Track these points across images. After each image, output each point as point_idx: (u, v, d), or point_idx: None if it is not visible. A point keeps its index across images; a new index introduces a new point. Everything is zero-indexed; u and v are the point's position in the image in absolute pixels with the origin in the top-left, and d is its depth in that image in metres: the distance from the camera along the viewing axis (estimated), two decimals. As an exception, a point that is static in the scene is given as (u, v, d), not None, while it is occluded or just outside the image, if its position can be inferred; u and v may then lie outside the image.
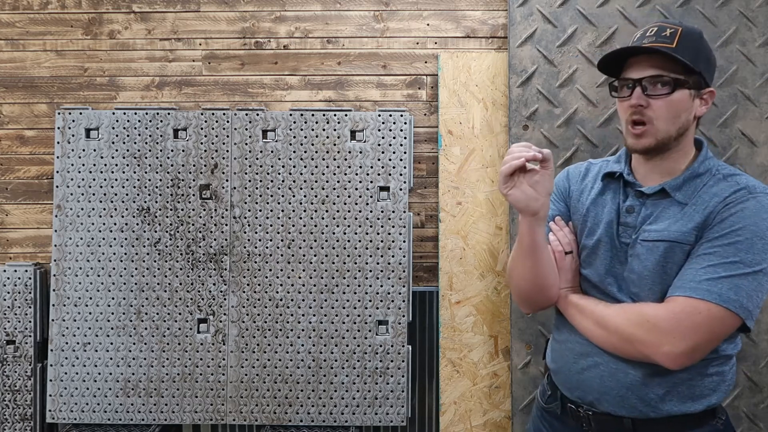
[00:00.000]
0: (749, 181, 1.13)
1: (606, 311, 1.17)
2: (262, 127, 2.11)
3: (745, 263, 1.05)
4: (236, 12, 2.20)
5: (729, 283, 1.05)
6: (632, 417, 1.18)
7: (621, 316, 1.13)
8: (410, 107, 2.20)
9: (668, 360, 1.08)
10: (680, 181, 1.16)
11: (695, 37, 1.14)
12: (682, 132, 1.15)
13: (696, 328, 1.06)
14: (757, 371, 1.95)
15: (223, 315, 2.08)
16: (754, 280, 1.06)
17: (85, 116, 2.12)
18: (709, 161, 1.18)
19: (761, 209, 1.08)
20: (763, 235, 1.06)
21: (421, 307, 2.17)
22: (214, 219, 2.10)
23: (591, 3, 2.01)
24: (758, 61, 1.98)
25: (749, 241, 1.06)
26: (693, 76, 1.13)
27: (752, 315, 1.07)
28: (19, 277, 2.10)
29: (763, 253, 1.06)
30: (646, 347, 1.09)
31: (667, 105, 1.12)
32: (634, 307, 1.14)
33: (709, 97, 1.16)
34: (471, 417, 2.09)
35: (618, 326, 1.13)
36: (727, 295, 1.05)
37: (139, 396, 2.08)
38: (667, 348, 1.07)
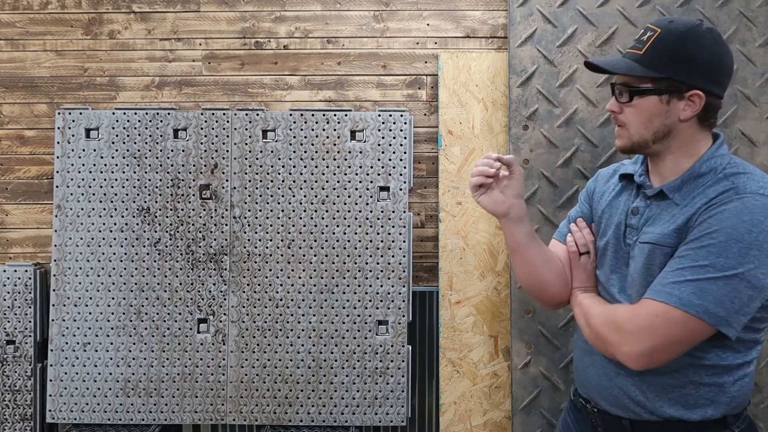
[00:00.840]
0: (746, 182, 1.08)
1: (592, 310, 1.19)
2: (262, 127, 2.11)
3: (716, 267, 1.02)
4: (236, 12, 2.20)
5: (693, 287, 1.02)
6: (629, 418, 1.18)
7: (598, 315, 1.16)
8: (410, 107, 2.20)
9: (629, 360, 1.08)
10: (679, 183, 1.15)
11: (671, 39, 1.10)
12: (661, 136, 1.14)
13: (653, 330, 1.04)
14: (757, 371, 1.95)
15: (223, 315, 2.08)
16: (726, 284, 1.01)
17: (85, 116, 2.12)
18: (716, 160, 1.13)
19: (743, 211, 1.03)
20: (740, 238, 1.01)
21: (421, 307, 2.17)
22: (214, 219, 2.10)
23: (591, 3, 2.01)
24: (758, 61, 1.98)
25: (723, 244, 1.02)
26: (662, 82, 1.11)
27: (726, 321, 1.02)
28: (19, 277, 2.10)
29: (740, 257, 1.01)
30: (611, 346, 1.11)
31: (633, 111, 1.15)
32: (610, 308, 1.16)
33: (696, 99, 1.11)
34: (471, 417, 2.09)
35: (594, 325, 1.16)
36: (688, 299, 1.02)
37: (139, 396, 2.08)
38: (627, 348, 1.07)
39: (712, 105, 1.13)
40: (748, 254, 1.01)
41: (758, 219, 1.02)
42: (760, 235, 1.02)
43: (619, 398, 1.18)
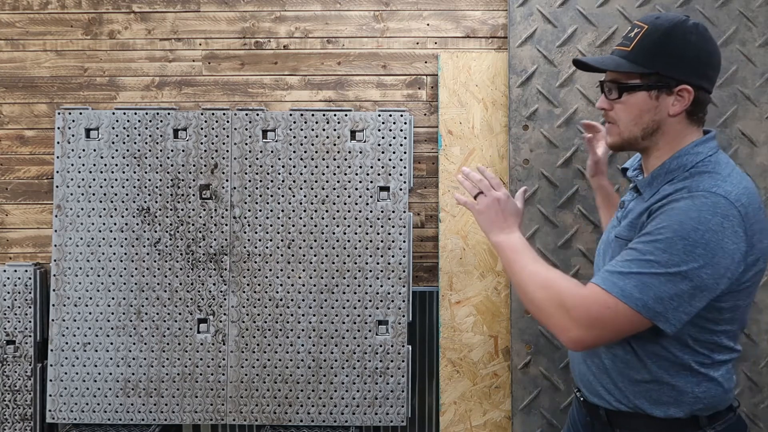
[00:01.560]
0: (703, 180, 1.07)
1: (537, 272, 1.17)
2: (262, 127, 2.11)
3: (660, 263, 1.02)
4: (236, 12, 2.20)
5: (636, 281, 1.03)
6: (604, 407, 1.20)
7: (543, 285, 1.14)
8: (410, 107, 2.20)
9: (570, 344, 1.10)
10: (649, 178, 1.17)
11: (657, 35, 1.11)
12: (650, 132, 1.15)
13: (602, 322, 1.06)
14: (757, 371, 1.95)
15: (223, 315, 2.08)
16: (668, 281, 1.02)
17: (85, 116, 2.12)
18: (688, 157, 1.13)
19: (691, 208, 1.03)
20: (686, 235, 1.01)
21: (421, 307, 2.17)
22: (214, 219, 2.10)
23: (591, 3, 2.01)
24: (758, 61, 1.98)
25: (669, 240, 1.02)
26: (650, 77, 1.12)
27: (663, 317, 1.03)
28: (19, 277, 2.10)
29: (685, 254, 1.01)
30: (555, 327, 1.11)
31: (623, 108, 1.16)
32: (555, 280, 1.14)
33: (685, 94, 1.11)
34: (471, 417, 2.09)
35: (537, 295, 1.14)
36: (630, 292, 1.03)
37: (139, 396, 2.08)
38: (573, 334, 1.08)
39: (701, 99, 1.14)
40: (693, 252, 1.01)
41: (705, 217, 1.02)
42: (707, 233, 1.01)
43: (594, 386, 1.22)
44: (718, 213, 1.02)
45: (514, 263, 1.20)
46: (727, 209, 1.03)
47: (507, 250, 1.23)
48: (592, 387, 1.22)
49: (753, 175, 1.98)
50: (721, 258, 1.02)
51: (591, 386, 1.22)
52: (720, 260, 1.02)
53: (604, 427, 1.22)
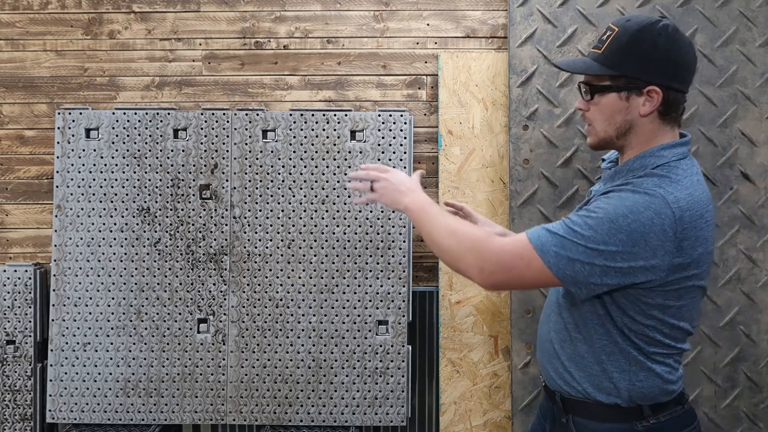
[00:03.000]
0: (647, 182, 1.11)
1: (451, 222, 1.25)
2: (262, 127, 2.11)
3: (582, 236, 1.08)
4: (236, 12, 2.20)
5: (558, 241, 1.10)
6: (559, 392, 1.25)
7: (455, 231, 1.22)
8: (410, 107, 2.20)
9: (478, 280, 1.17)
10: (613, 173, 1.22)
11: (625, 38, 1.15)
12: (624, 131, 1.19)
13: (511, 268, 1.13)
14: (757, 371, 1.95)
15: (223, 315, 2.08)
16: (584, 253, 1.08)
17: (85, 116, 2.12)
18: (652, 159, 1.16)
19: (628, 198, 1.09)
20: (614, 219, 1.07)
21: (421, 307, 2.17)
22: (214, 219, 2.10)
23: (591, 3, 2.01)
24: (758, 61, 1.98)
25: (599, 220, 1.08)
26: (620, 79, 1.16)
27: (573, 280, 1.10)
28: (19, 277, 2.10)
29: (607, 235, 1.07)
30: (465, 267, 1.18)
31: (597, 109, 1.20)
32: (469, 227, 1.23)
33: (655, 95, 1.14)
34: (471, 417, 2.09)
35: (448, 240, 1.22)
36: (548, 249, 1.10)
37: (139, 396, 2.08)
38: (485, 274, 1.15)
39: (672, 99, 1.16)
40: (615, 236, 1.07)
41: (638, 209, 1.07)
42: (633, 223, 1.06)
43: (548, 371, 1.27)
44: (651, 209, 1.07)
45: (424, 219, 1.27)
46: (661, 208, 1.07)
47: (416, 210, 1.30)
48: (546, 372, 1.28)
49: (753, 175, 1.98)
50: (641, 249, 1.07)
51: (546, 371, 1.29)
52: (639, 251, 1.07)
53: (560, 413, 1.26)
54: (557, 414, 1.28)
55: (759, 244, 1.97)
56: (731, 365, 1.96)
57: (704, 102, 1.99)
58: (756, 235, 1.97)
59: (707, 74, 1.98)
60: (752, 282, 1.97)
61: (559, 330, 1.24)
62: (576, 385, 1.21)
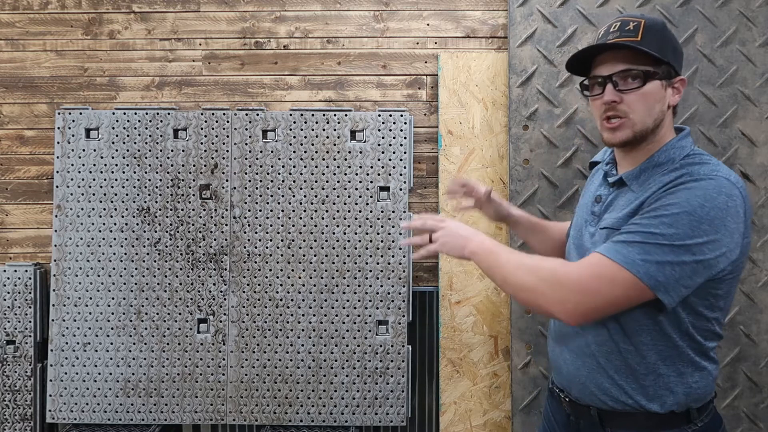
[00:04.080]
0: (701, 169, 1.09)
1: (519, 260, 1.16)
2: (262, 127, 2.11)
3: (664, 236, 1.02)
4: (236, 12, 2.20)
5: (639, 249, 1.03)
6: (597, 407, 1.19)
7: (528, 267, 1.13)
8: (410, 107, 2.20)
9: (567, 317, 1.08)
10: (637, 171, 1.17)
11: (658, 28, 1.14)
12: (658, 123, 1.15)
13: (597, 291, 1.05)
14: (757, 371, 1.95)
15: (223, 315, 2.08)
16: (671, 252, 1.02)
17: (85, 116, 2.12)
18: (675, 150, 1.15)
19: (697, 188, 1.04)
20: (692, 211, 1.02)
21: (421, 307, 2.17)
22: (214, 219, 2.10)
23: (591, 3, 2.01)
24: (758, 61, 1.98)
25: (676, 216, 1.03)
26: (662, 67, 1.13)
27: (664, 287, 1.03)
28: (19, 277, 2.10)
29: (690, 229, 1.02)
30: (548, 303, 1.09)
31: (640, 98, 1.13)
32: (541, 260, 1.14)
33: (680, 86, 1.16)
34: (471, 417, 2.09)
35: (523, 278, 1.12)
36: (632, 258, 1.03)
37: (139, 396, 2.08)
38: (570, 306, 1.07)
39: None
40: (699, 228, 1.02)
41: (711, 195, 1.03)
42: (712, 210, 1.03)
43: (587, 386, 1.20)
44: (723, 192, 1.04)
45: (494, 262, 1.19)
46: (731, 189, 1.05)
47: (483, 253, 1.22)
48: (584, 387, 1.21)
49: (753, 175, 1.98)
50: (723, 236, 1.03)
51: (583, 387, 1.21)
52: (722, 238, 1.03)
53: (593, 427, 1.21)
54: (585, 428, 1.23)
55: (759, 244, 1.97)
56: (731, 365, 1.96)
57: (704, 102, 1.99)
58: (756, 235, 1.97)
59: (707, 74, 1.98)
60: (752, 282, 1.97)
61: (602, 342, 1.17)
62: (626, 398, 1.15)
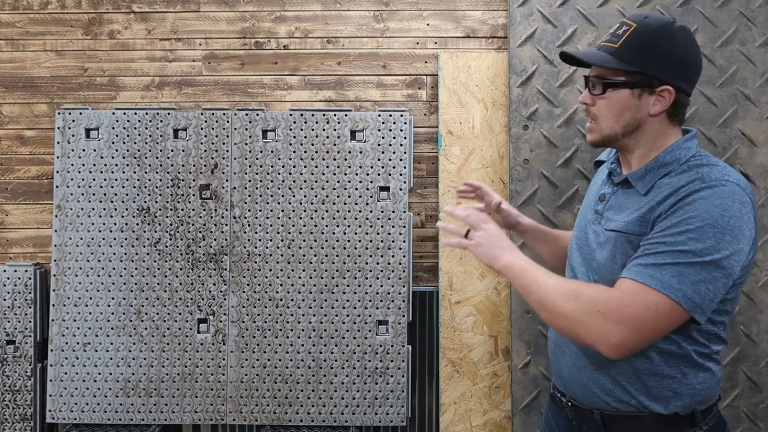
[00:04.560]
0: (710, 171, 1.08)
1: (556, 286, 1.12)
2: (262, 127, 2.11)
3: (694, 252, 1.01)
4: (236, 12, 2.20)
5: (673, 270, 1.01)
6: (600, 410, 1.19)
7: (568, 295, 1.09)
8: (410, 107, 2.20)
9: (611, 351, 1.05)
10: (642, 171, 1.16)
11: (646, 35, 1.13)
12: (630, 129, 1.16)
13: (642, 322, 1.02)
14: (757, 371, 1.95)
15: (223, 315, 2.08)
16: (703, 270, 1.01)
17: (85, 116, 2.12)
18: (681, 151, 1.14)
19: (713, 196, 1.03)
20: (714, 222, 1.01)
21: (421, 307, 2.17)
22: (214, 219, 2.10)
23: (591, 3, 2.01)
24: (758, 61, 1.98)
25: (700, 229, 1.01)
26: (635, 75, 1.13)
27: (700, 308, 1.02)
28: (19, 277, 2.10)
29: (716, 242, 1.01)
30: (592, 335, 1.05)
31: (605, 104, 1.16)
32: (580, 288, 1.10)
33: (666, 94, 1.13)
34: (471, 417, 2.09)
35: (563, 307, 1.09)
36: (668, 282, 1.01)
37: (139, 396, 2.08)
38: (615, 340, 1.03)
39: (681, 101, 1.15)
40: (723, 240, 1.02)
41: (728, 204, 1.03)
42: (731, 219, 1.03)
43: (590, 388, 1.19)
44: (737, 200, 1.04)
45: (529, 282, 1.16)
46: (742, 196, 1.05)
47: (518, 270, 1.19)
48: (586, 389, 1.20)
49: (753, 175, 1.98)
50: (744, 244, 1.04)
51: (585, 388, 1.20)
52: (743, 246, 1.04)
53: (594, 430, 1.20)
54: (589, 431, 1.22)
55: (759, 244, 1.97)
56: (731, 365, 1.96)
57: (704, 102, 1.99)
58: (756, 235, 1.97)
59: (707, 74, 1.98)
60: (752, 282, 1.97)
61: None
62: (629, 399, 1.15)
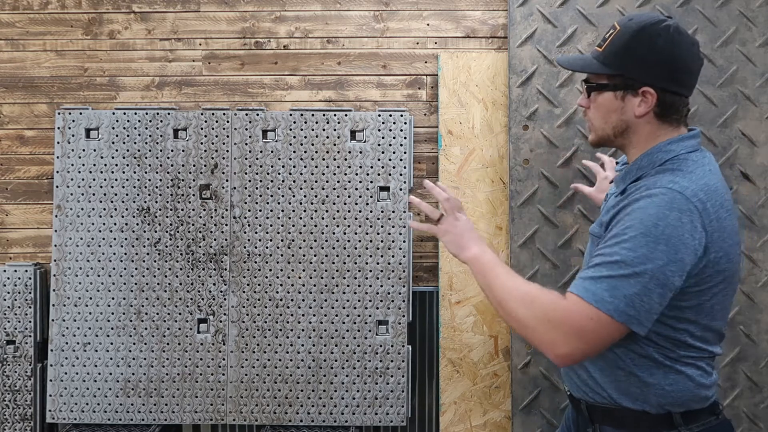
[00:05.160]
0: (660, 180, 1.08)
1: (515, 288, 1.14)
2: (262, 127, 2.11)
3: (626, 262, 1.02)
4: (236, 12, 2.20)
5: (607, 284, 1.03)
6: (585, 401, 1.22)
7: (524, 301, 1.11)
8: (410, 107, 2.20)
9: (557, 359, 1.08)
10: (623, 174, 1.20)
11: (626, 37, 1.13)
12: (621, 130, 1.18)
13: (585, 334, 1.04)
14: (757, 371, 1.95)
15: (223, 315, 2.08)
16: (637, 282, 1.01)
17: (85, 116, 2.12)
18: (660, 154, 1.14)
19: (650, 206, 1.04)
20: (647, 232, 1.02)
21: (421, 307, 2.17)
22: (214, 219, 2.10)
23: (591, 3, 2.01)
24: (758, 61, 1.98)
25: (633, 239, 1.02)
26: (616, 78, 1.15)
27: (636, 320, 1.02)
28: (19, 277, 2.10)
29: (649, 251, 1.01)
30: (542, 343, 1.08)
31: (594, 107, 1.20)
32: (534, 293, 1.11)
33: (649, 96, 1.13)
34: (471, 417, 2.09)
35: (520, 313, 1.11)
36: (601, 296, 1.02)
37: (139, 396, 2.08)
38: (561, 350, 1.06)
39: (668, 102, 1.14)
40: (656, 249, 1.02)
41: (663, 213, 1.03)
42: (667, 228, 1.02)
43: (573, 379, 1.24)
44: (675, 208, 1.03)
45: (492, 280, 1.17)
46: (683, 204, 1.04)
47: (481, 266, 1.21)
48: (571, 380, 1.25)
49: (753, 175, 1.98)
50: (684, 254, 1.03)
51: (570, 379, 1.25)
52: (683, 256, 1.02)
53: (585, 421, 1.23)
54: (582, 424, 1.24)
55: (759, 244, 1.97)
56: (731, 365, 1.96)
57: (704, 102, 1.99)
58: (756, 235, 1.97)
59: (707, 74, 1.98)
60: (752, 282, 1.97)
61: None
62: (601, 391, 1.17)
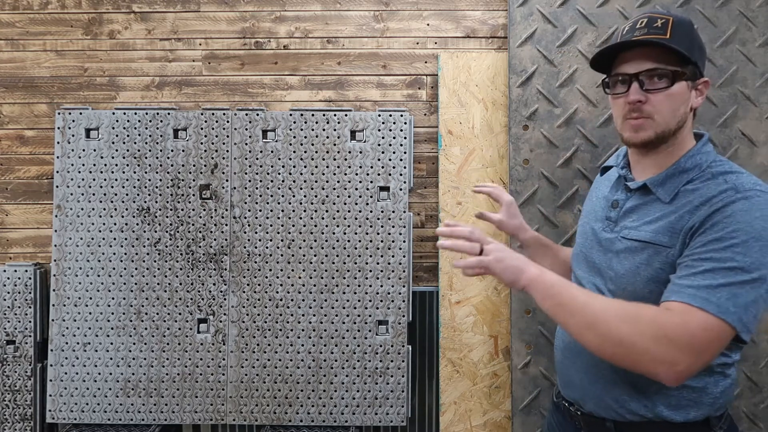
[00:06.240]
0: (739, 180, 1.04)
1: (605, 308, 1.01)
2: (262, 127, 2.11)
3: (744, 269, 0.96)
4: (236, 12, 2.20)
5: (727, 293, 0.96)
6: (613, 419, 1.15)
7: (625, 318, 0.99)
8: (410, 107, 2.20)
9: (672, 379, 0.98)
10: (662, 177, 1.12)
11: (687, 27, 1.09)
12: (680, 125, 1.11)
13: (707, 347, 0.96)
14: (757, 371, 1.95)
15: (223, 315, 2.08)
16: (753, 289, 0.97)
17: (85, 116, 2.12)
18: (701, 156, 1.11)
19: (752, 208, 0.99)
20: (758, 236, 0.97)
21: (421, 307, 2.17)
22: (214, 219, 2.10)
23: (591, 3, 2.01)
24: (758, 61, 1.98)
25: (745, 243, 0.97)
26: (689, 67, 1.09)
27: (748, 328, 0.98)
28: (19, 277, 2.10)
29: (762, 256, 0.97)
30: (656, 363, 0.97)
31: (666, 98, 1.08)
32: (638, 310, 1.00)
33: (704, 88, 1.11)
34: (471, 417, 2.09)
35: (621, 329, 0.99)
36: (725, 306, 0.96)
37: (139, 396, 2.08)
38: (681, 367, 0.97)
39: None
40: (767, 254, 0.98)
41: (766, 214, 0.99)
42: None
43: (603, 398, 1.16)
44: None
45: (569, 301, 1.04)
46: None
47: (548, 287, 1.07)
48: (600, 401, 1.16)
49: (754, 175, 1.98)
50: None
51: (599, 400, 1.16)
52: None
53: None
54: None
55: (759, 244, 1.97)
56: (731, 365, 1.96)
57: (704, 102, 1.99)
58: (756, 235, 1.97)
59: (707, 74, 1.98)
60: (752, 282, 1.97)
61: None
62: (646, 412, 1.11)
